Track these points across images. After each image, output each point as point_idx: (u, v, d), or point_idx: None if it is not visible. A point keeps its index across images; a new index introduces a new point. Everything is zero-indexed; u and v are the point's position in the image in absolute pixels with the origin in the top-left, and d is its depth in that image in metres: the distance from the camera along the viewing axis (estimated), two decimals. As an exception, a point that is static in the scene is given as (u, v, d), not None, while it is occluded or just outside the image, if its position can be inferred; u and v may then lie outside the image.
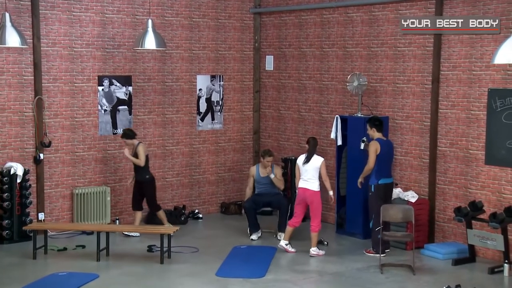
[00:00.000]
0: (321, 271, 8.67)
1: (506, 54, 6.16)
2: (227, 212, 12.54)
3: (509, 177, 9.03)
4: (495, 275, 8.52)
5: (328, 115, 11.52)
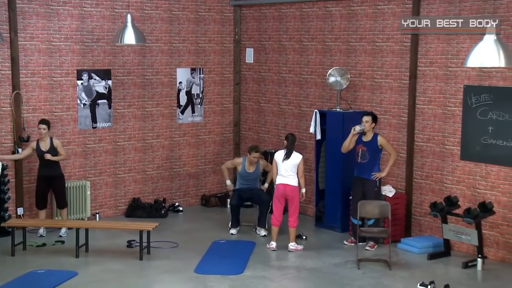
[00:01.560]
0: (298, 267, 8.76)
1: (478, 57, 6.23)
2: (207, 204, 12.60)
3: (483, 173, 9.17)
4: (469, 269, 8.67)
5: (307, 108, 11.58)
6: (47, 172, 10.04)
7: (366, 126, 9.41)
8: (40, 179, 10.12)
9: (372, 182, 9.51)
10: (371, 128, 9.48)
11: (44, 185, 10.10)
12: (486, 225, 9.07)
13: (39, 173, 10.13)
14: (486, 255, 8.98)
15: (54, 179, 10.09)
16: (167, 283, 8.10)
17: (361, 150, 9.52)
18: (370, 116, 9.43)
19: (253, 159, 10.43)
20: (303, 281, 8.17)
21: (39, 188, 10.14)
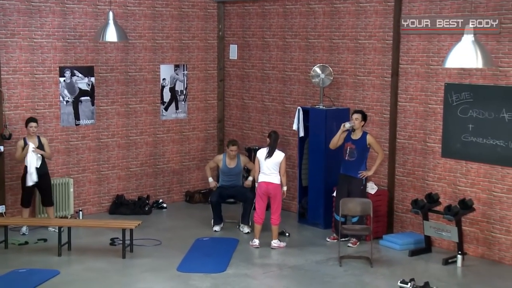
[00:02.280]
0: (281, 264, 8.80)
1: (457, 58, 6.28)
2: (191, 201, 12.61)
3: (464, 170, 9.25)
4: (449, 265, 8.76)
5: (291, 105, 11.61)
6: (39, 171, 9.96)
7: (355, 123, 9.45)
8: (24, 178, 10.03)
9: (359, 181, 9.56)
10: (361, 126, 9.52)
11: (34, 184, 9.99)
12: (466, 221, 9.16)
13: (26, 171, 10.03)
14: (466, 252, 9.07)
15: (41, 177, 10.02)
16: (149, 282, 8.10)
17: (349, 148, 9.57)
18: (360, 114, 9.47)
19: (231, 152, 10.46)
20: (285, 279, 8.21)
21: (28, 187, 10.01)
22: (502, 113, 8.69)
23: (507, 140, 8.68)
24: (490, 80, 8.80)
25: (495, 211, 8.93)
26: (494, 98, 8.73)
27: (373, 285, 8.00)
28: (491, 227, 8.99)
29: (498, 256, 8.94)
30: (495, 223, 8.94)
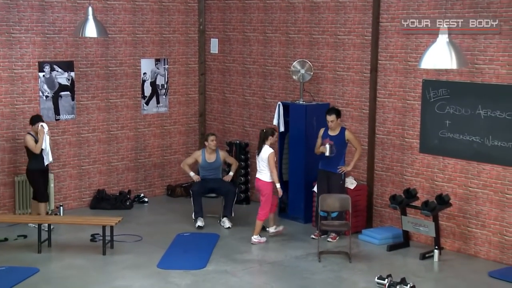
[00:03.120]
0: (260, 260, 8.87)
1: (431, 59, 6.35)
2: (173, 194, 12.65)
3: (441, 165, 9.36)
4: (426, 260, 8.88)
5: (272, 99, 11.65)
6: (41, 165, 9.99)
7: (332, 125, 9.51)
8: (34, 172, 10.04)
9: (338, 176, 9.64)
10: (338, 124, 9.59)
11: (40, 178, 10.05)
12: (444, 216, 9.28)
13: (35, 167, 10.02)
14: (443, 246, 9.20)
15: (45, 172, 10.12)
16: (129, 279, 8.14)
17: (328, 144, 9.63)
18: (334, 115, 9.53)
19: (211, 143, 10.46)
20: (264, 275, 8.28)
21: (37, 181, 10.04)
22: (478, 109, 8.80)
23: (482, 137, 8.79)
24: (467, 77, 8.89)
25: (471, 206, 9.06)
26: (470, 95, 8.83)
27: (351, 281, 8.09)
28: (467, 222, 9.12)
29: (474, 250, 9.08)
30: (471, 218, 9.07)
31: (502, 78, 8.58)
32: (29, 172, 10.06)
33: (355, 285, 7.94)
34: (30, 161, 10.03)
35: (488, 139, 8.74)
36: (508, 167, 8.61)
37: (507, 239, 8.71)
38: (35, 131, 10.01)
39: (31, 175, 10.06)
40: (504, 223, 8.72)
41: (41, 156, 9.95)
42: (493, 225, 8.83)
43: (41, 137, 9.89)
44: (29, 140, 9.93)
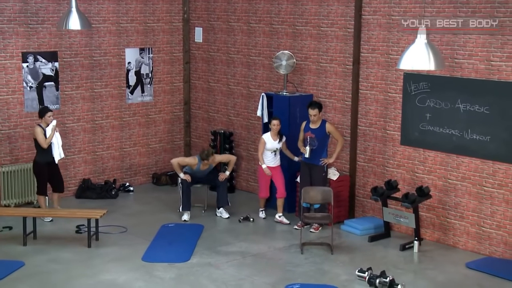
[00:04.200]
0: (244, 252, 9.01)
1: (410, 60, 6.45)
2: (158, 183, 12.75)
3: (422, 157, 9.51)
4: (406, 251, 9.06)
5: (255, 89, 11.73)
6: (47, 159, 10.07)
7: (314, 119, 9.62)
8: (42, 166, 10.10)
9: (320, 168, 9.77)
10: (320, 117, 9.70)
11: (45, 171, 10.10)
12: (424, 207, 9.45)
13: (42, 160, 10.09)
14: (423, 237, 9.39)
15: (51, 166, 10.19)
16: (114, 273, 8.25)
17: (309, 137, 9.74)
18: (317, 109, 9.64)
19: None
20: (247, 268, 8.41)
21: (42, 174, 10.12)
22: (458, 103, 8.93)
23: (462, 130, 8.94)
24: (447, 71, 9.00)
25: (450, 198, 9.23)
26: (450, 89, 8.95)
27: (332, 274, 8.25)
28: (446, 213, 9.30)
29: (452, 240, 9.27)
30: (450, 209, 9.25)
31: (481, 73, 8.71)
32: (35, 165, 10.16)
33: (337, 277, 8.10)
34: (38, 154, 10.12)
35: (467, 132, 8.89)
36: (486, 160, 8.77)
37: (484, 230, 8.91)
38: (46, 123, 10.04)
39: (37, 167, 10.15)
40: (482, 214, 8.91)
41: (49, 150, 9.99)
42: (471, 217, 9.02)
43: (52, 133, 9.93)
44: (39, 133, 10.00)
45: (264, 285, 7.85)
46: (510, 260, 8.59)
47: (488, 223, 8.85)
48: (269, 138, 10.14)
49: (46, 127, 10.06)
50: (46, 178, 10.18)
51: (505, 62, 8.43)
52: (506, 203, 8.63)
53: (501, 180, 8.66)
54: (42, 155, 10.05)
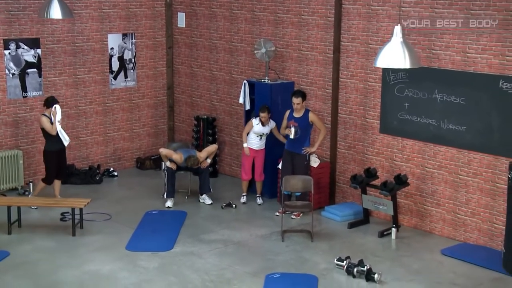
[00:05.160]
0: (226, 240, 9.20)
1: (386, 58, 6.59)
2: (142, 167, 12.88)
3: (400, 146, 9.71)
4: (384, 238, 9.30)
5: (238, 75, 11.83)
6: (59, 146, 10.20)
7: (298, 107, 9.76)
8: (52, 154, 10.21)
9: (302, 156, 9.95)
10: (303, 106, 9.84)
11: (55, 159, 10.23)
12: (402, 194, 9.68)
13: (52, 148, 10.20)
14: (401, 223, 9.63)
15: (63, 152, 10.32)
16: (98, 263, 8.41)
17: (292, 126, 9.90)
18: (300, 97, 9.77)
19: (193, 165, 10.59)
20: (229, 257, 8.60)
21: (51, 162, 10.24)
22: (435, 94, 9.10)
23: (438, 120, 9.13)
24: (424, 62, 9.15)
25: (427, 185, 9.46)
26: (427, 79, 9.11)
27: (312, 262, 8.46)
28: (423, 200, 9.53)
29: (429, 227, 9.52)
30: (427, 196, 9.49)
31: (457, 64, 8.87)
32: (46, 153, 10.28)
33: (316, 266, 8.32)
34: (47, 142, 10.23)
35: (443, 122, 9.08)
36: (462, 150, 8.99)
37: (459, 217, 9.16)
38: (50, 112, 10.13)
39: (47, 155, 10.27)
40: (457, 202, 9.15)
41: (58, 137, 10.12)
42: (447, 204, 9.27)
43: (54, 119, 10.03)
44: (45, 121, 10.09)
45: (245, 274, 8.05)
46: (483, 246, 8.86)
47: (463, 211, 9.10)
48: (258, 124, 10.28)
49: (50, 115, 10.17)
50: (55, 167, 10.29)
51: (480, 54, 8.60)
52: (480, 191, 8.87)
53: (476, 169, 8.88)
54: (52, 143, 10.19)
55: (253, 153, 10.45)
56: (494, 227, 8.74)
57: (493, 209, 8.73)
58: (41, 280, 7.85)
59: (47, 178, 10.38)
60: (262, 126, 10.32)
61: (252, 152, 10.44)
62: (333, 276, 7.99)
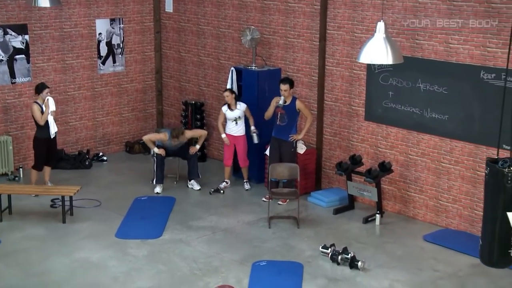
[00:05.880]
0: (214, 227, 9.38)
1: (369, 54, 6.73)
2: (131, 151, 13.01)
3: (384, 133, 9.89)
4: (368, 224, 9.52)
5: (226, 61, 11.93)
6: (47, 134, 10.30)
7: (285, 94, 9.89)
8: (42, 140, 10.33)
9: (289, 144, 10.12)
10: (290, 93, 9.98)
11: (45, 147, 10.35)
12: (386, 181, 9.89)
13: (42, 135, 10.31)
14: (385, 208, 9.86)
15: (53, 139, 10.45)
16: (88, 250, 8.57)
17: (280, 113, 10.04)
18: (288, 84, 9.90)
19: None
20: (217, 244, 8.78)
21: (40, 149, 10.38)
22: (418, 83, 9.26)
23: (422, 108, 9.31)
24: (408, 52, 9.29)
25: (410, 172, 9.67)
26: (411, 68, 9.26)
27: (298, 249, 8.66)
28: (407, 187, 9.75)
29: (412, 212, 9.76)
30: (410, 183, 9.70)
31: (440, 54, 9.02)
32: (36, 140, 10.41)
33: (302, 253, 8.53)
34: (38, 129, 10.37)
35: (426, 111, 9.26)
36: (444, 138, 9.18)
37: (441, 203, 9.39)
38: (42, 99, 10.20)
39: (36, 142, 10.40)
40: (440, 189, 9.37)
41: (47, 126, 10.26)
42: (430, 191, 9.49)
43: (46, 110, 10.14)
44: (36, 110, 10.20)
45: (233, 262, 8.25)
46: (464, 231, 9.11)
47: (445, 197, 9.33)
48: (227, 110, 10.46)
49: (43, 104, 10.23)
50: (44, 154, 10.42)
51: (462, 45, 8.74)
52: (461, 178, 9.09)
53: (458, 157, 9.09)
54: (42, 131, 10.31)
55: (232, 139, 10.61)
56: (475, 213, 8.98)
57: (474, 196, 8.96)
58: (32, 269, 8.02)
59: (37, 165, 10.52)
60: (231, 111, 10.46)
61: (232, 139, 10.60)
62: (318, 263, 8.20)
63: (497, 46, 8.34)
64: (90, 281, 7.71)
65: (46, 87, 10.32)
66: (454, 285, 7.74)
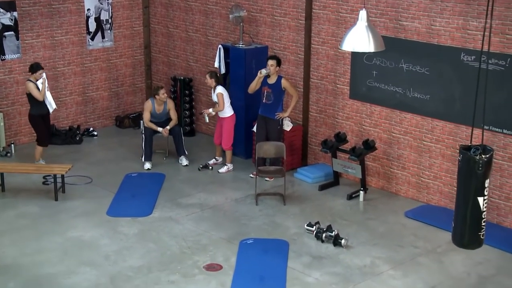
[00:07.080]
0: (202, 204, 9.65)
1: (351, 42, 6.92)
2: (121, 125, 13.21)
3: (368, 112, 10.13)
4: (352, 200, 9.82)
5: (213, 38, 12.06)
6: (44, 110, 10.50)
7: (271, 69, 10.08)
8: (37, 117, 10.51)
9: (275, 121, 10.34)
10: (276, 71, 10.15)
11: (42, 122, 10.55)
12: (370, 157, 10.16)
13: (36, 112, 10.48)
14: (369, 184, 10.16)
15: (47, 116, 10.64)
16: (80, 229, 8.82)
17: (266, 92, 10.24)
18: (275, 60, 10.08)
19: (162, 96, 10.91)
20: (205, 222, 9.06)
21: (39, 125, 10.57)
22: (401, 63, 9.47)
23: (404, 88, 9.53)
24: (392, 32, 9.47)
25: (393, 150, 9.94)
26: (394, 49, 9.45)
27: (283, 227, 8.96)
28: (390, 164, 10.03)
29: (395, 188, 10.06)
30: (393, 160, 9.98)
31: (422, 36, 9.21)
32: (31, 117, 10.60)
33: (287, 230, 8.83)
34: (32, 107, 10.53)
35: (409, 90, 9.48)
36: (426, 117, 9.43)
37: (422, 180, 9.69)
38: (36, 78, 10.35)
39: (33, 120, 10.59)
40: (421, 166, 9.66)
41: (43, 102, 10.39)
42: (412, 168, 9.78)
43: (43, 86, 10.28)
44: (33, 88, 10.38)
45: (221, 240, 8.55)
46: (444, 207, 9.44)
47: (426, 174, 9.62)
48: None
49: (37, 81, 10.39)
50: (44, 128, 10.63)
51: (444, 27, 8.93)
52: (442, 156, 9.37)
53: (439, 136, 9.36)
54: (37, 108, 10.48)
55: (218, 120, 10.84)
56: (454, 190, 9.21)
57: (454, 174, 9.24)
58: (26, 248, 8.26)
59: (42, 141, 10.72)
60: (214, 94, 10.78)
61: (218, 120, 10.84)
62: (303, 241, 8.51)
63: (477, 29, 8.54)
64: (83, 260, 7.98)
65: (41, 67, 10.47)
66: (432, 261, 8.07)
